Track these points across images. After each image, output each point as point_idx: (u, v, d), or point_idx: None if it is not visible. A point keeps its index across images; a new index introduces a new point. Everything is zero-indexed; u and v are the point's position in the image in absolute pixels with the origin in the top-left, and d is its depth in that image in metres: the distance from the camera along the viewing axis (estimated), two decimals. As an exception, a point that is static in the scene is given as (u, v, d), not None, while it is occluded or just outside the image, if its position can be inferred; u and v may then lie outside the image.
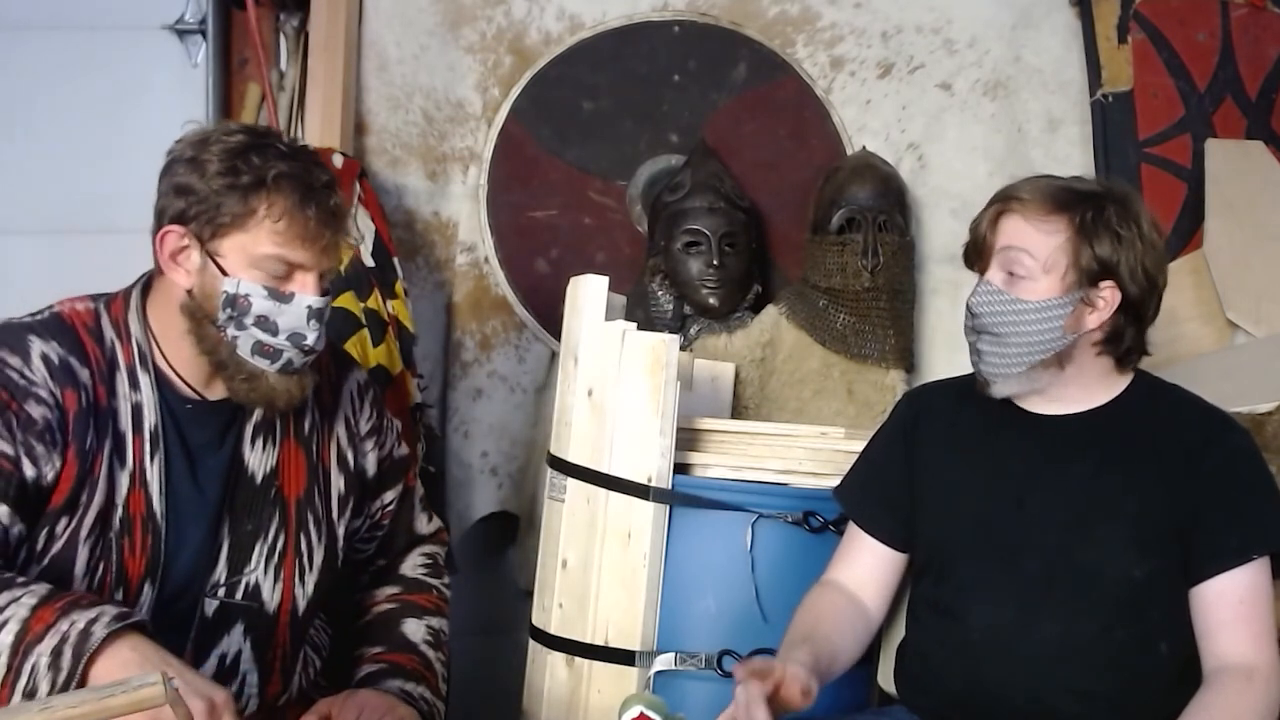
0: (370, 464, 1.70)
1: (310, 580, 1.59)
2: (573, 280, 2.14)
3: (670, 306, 2.57)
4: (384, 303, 2.42)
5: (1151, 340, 1.64)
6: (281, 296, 1.45)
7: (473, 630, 2.67)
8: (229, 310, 1.44)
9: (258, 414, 1.56)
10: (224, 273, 1.44)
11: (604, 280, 2.05)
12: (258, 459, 1.56)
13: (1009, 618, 1.58)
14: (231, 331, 1.45)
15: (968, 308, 1.62)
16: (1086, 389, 1.62)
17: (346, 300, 2.35)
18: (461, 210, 2.71)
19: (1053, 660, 1.55)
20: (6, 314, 2.51)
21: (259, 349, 1.46)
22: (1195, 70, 2.69)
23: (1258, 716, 1.46)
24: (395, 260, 2.49)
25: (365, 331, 2.35)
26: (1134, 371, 1.66)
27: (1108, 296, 1.56)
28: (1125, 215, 1.57)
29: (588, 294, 2.05)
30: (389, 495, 1.75)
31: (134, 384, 1.48)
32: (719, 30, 2.72)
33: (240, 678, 1.54)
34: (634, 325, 2.00)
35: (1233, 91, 2.69)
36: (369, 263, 2.41)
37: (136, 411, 1.47)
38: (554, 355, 2.61)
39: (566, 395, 2.07)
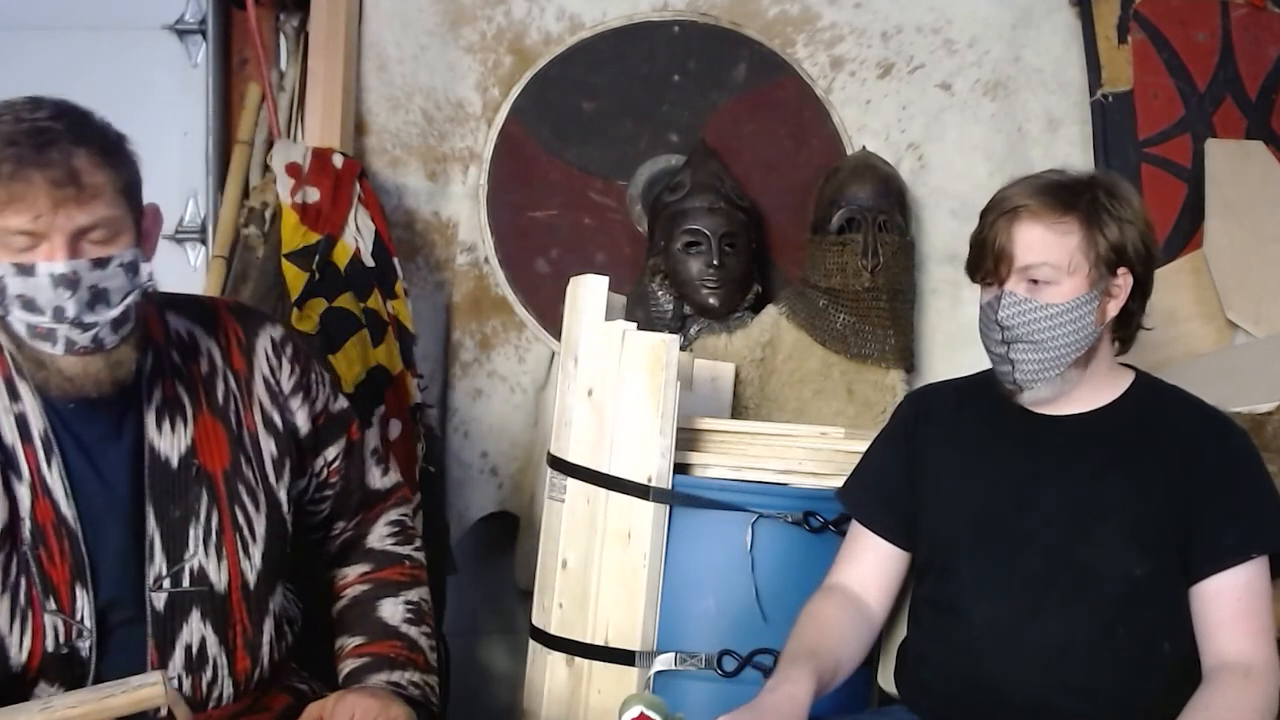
0: (301, 421, 1.63)
1: (256, 552, 1.54)
2: (573, 280, 2.14)
3: (670, 306, 2.57)
4: (384, 303, 2.42)
5: (1148, 312, 1.67)
6: (25, 269, 1.32)
7: (473, 630, 2.68)
8: None
9: (158, 397, 1.50)
10: None
11: (604, 280, 2.05)
12: (169, 442, 1.50)
13: (1010, 616, 1.58)
14: (8, 320, 1.35)
15: (998, 323, 1.59)
16: (1095, 388, 1.63)
17: (346, 300, 2.35)
18: (461, 210, 2.71)
19: (1054, 659, 1.55)
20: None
21: (34, 332, 1.35)
22: (1195, 70, 2.69)
23: (1256, 714, 1.46)
24: (395, 260, 2.49)
25: (365, 331, 2.35)
26: (1134, 372, 1.67)
27: (1123, 282, 1.59)
28: (1116, 197, 1.59)
29: (588, 294, 2.05)
30: (331, 452, 1.68)
31: (14, 396, 1.44)
32: (719, 30, 2.72)
33: (211, 663, 1.51)
34: (634, 325, 2.00)
35: (1233, 91, 2.69)
36: (369, 263, 2.41)
37: (21, 421, 1.43)
38: (554, 355, 2.61)
39: (566, 395, 2.07)
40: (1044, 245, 1.56)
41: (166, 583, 1.47)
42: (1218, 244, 2.56)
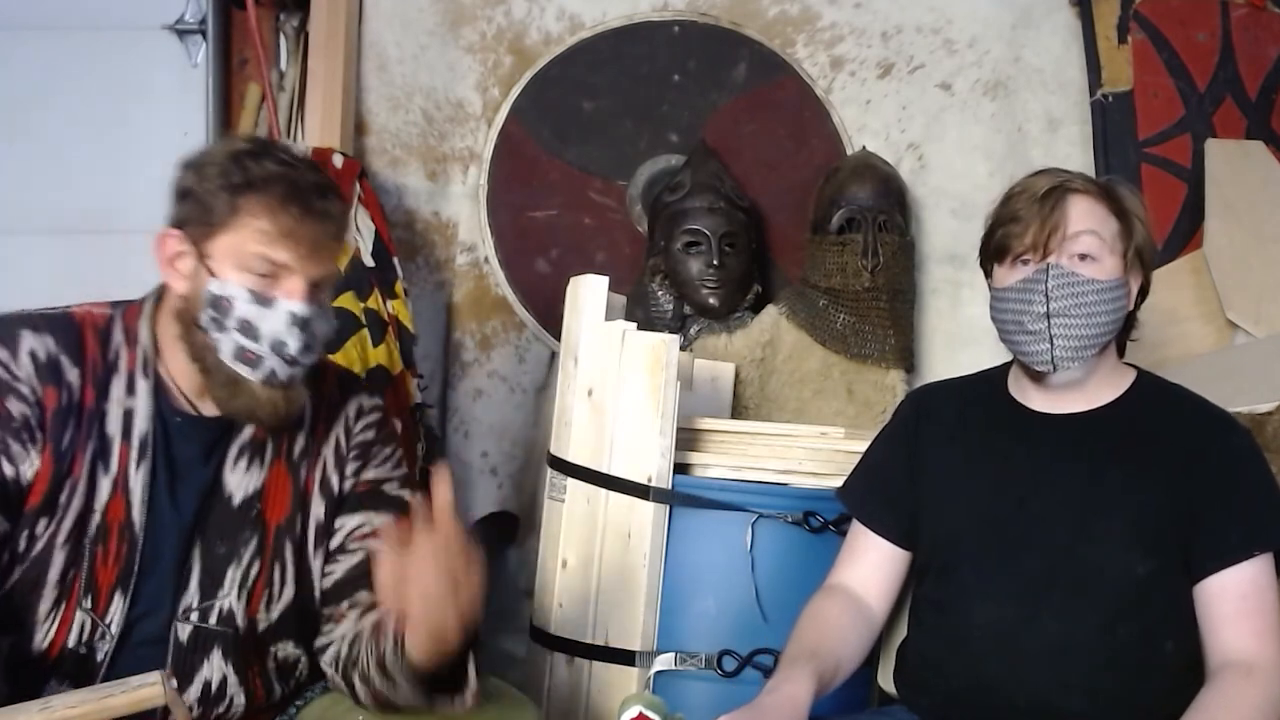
0: (347, 478, 1.60)
1: (276, 609, 1.54)
2: (573, 280, 2.14)
3: (670, 306, 2.57)
4: (384, 303, 2.42)
5: (1140, 322, 1.68)
6: (264, 300, 1.42)
7: (473, 630, 2.67)
8: (211, 311, 1.42)
9: (245, 434, 1.52)
10: (212, 274, 1.42)
11: (604, 280, 2.06)
12: (238, 480, 1.51)
13: (1011, 615, 1.57)
14: (214, 334, 1.42)
15: (1045, 295, 1.57)
16: (1097, 386, 1.63)
17: (346, 300, 2.35)
18: (461, 210, 2.71)
19: (1055, 658, 1.54)
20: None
21: (240, 354, 1.42)
22: (1195, 70, 2.69)
23: (1259, 713, 1.45)
24: (395, 260, 2.49)
25: (365, 331, 2.35)
26: (1136, 371, 1.67)
27: (1136, 281, 1.62)
28: (1136, 204, 1.62)
29: (588, 294, 2.05)
30: (359, 518, 1.58)
31: (130, 390, 1.46)
32: (719, 30, 2.72)
33: (228, 700, 1.51)
34: (634, 325, 2.00)
35: (1233, 91, 2.69)
36: (369, 263, 2.41)
37: (128, 417, 1.46)
38: (554, 355, 2.61)
39: (566, 395, 2.07)
40: (1094, 218, 1.58)
41: (194, 616, 1.48)
42: (1218, 244, 2.56)
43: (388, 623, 1.41)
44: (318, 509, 1.57)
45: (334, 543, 1.59)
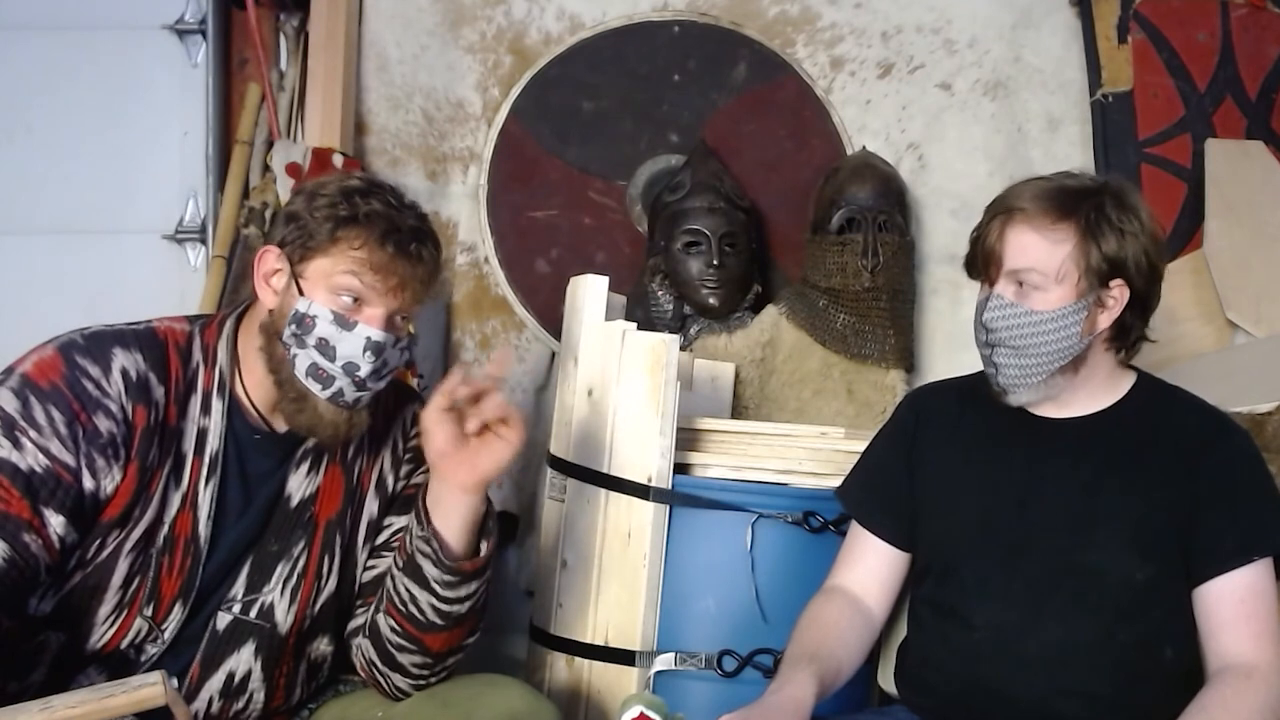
0: (401, 480, 1.69)
1: (319, 601, 1.60)
2: (573, 280, 2.14)
3: (670, 306, 2.57)
4: (384, 303, 2.42)
5: (1152, 326, 1.64)
6: (345, 323, 1.49)
7: (473, 630, 2.67)
8: (294, 327, 1.49)
9: (309, 440, 1.58)
10: (301, 293, 1.49)
11: (604, 280, 2.06)
12: (298, 484, 1.59)
13: (1011, 619, 1.57)
14: (293, 349, 1.50)
15: (982, 324, 1.60)
16: (1093, 392, 1.62)
17: (347, 300, 2.35)
18: (461, 210, 2.71)
19: (1055, 661, 1.54)
20: (6, 314, 2.50)
21: (313, 371, 1.50)
22: (1195, 70, 2.69)
23: (1257, 715, 1.45)
24: (396, 260, 2.49)
25: (366, 331, 2.35)
26: (1136, 374, 1.67)
27: (1118, 295, 1.57)
28: (1124, 208, 1.56)
29: (588, 294, 2.05)
30: (406, 519, 1.64)
31: (205, 409, 1.52)
32: (719, 30, 2.72)
33: (248, 696, 1.55)
34: (634, 325, 2.00)
35: (1233, 91, 2.69)
36: (369, 263, 2.41)
37: (201, 436, 1.51)
38: (554, 355, 2.61)
39: (566, 395, 2.07)
40: (1034, 251, 1.55)
41: (236, 607, 1.53)
42: (1218, 244, 2.56)
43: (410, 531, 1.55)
44: (371, 505, 1.66)
45: (380, 539, 1.67)
